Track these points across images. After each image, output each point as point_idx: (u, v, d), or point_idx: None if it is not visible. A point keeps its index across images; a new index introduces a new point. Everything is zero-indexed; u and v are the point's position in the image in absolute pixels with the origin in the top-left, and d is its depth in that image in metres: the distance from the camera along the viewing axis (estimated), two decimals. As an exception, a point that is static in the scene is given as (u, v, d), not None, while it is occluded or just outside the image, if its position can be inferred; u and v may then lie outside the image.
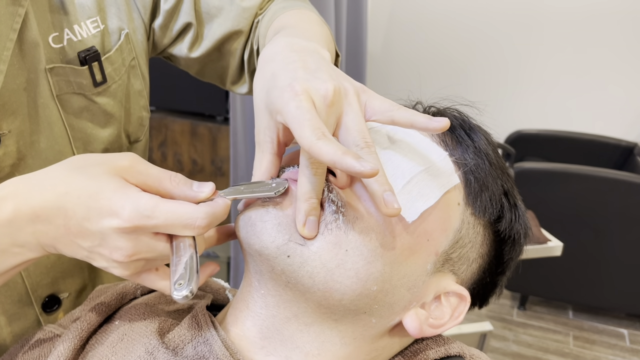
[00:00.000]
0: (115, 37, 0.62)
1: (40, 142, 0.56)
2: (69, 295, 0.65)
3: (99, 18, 0.59)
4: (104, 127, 0.62)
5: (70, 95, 0.58)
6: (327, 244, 0.41)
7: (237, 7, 0.67)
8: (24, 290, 0.60)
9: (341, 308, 0.42)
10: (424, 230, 0.43)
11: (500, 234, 0.48)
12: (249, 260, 0.45)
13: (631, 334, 2.31)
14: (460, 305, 0.47)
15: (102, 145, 0.62)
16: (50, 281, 0.62)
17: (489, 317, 2.39)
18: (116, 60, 0.62)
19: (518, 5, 2.72)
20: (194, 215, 0.38)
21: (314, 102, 0.39)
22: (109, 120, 0.63)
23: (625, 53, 2.62)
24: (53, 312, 0.64)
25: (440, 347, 0.48)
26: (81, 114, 0.60)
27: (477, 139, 0.48)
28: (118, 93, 0.63)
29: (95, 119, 0.61)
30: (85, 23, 0.58)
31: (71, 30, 0.57)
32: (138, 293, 0.55)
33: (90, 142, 0.61)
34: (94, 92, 0.60)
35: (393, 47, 3.04)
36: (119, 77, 0.63)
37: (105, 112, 0.62)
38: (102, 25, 0.60)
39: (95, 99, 0.60)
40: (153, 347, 0.44)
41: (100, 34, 0.60)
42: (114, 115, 0.63)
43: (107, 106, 0.62)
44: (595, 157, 2.59)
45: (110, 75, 0.61)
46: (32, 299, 0.61)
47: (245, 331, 0.45)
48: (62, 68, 0.56)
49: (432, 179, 0.44)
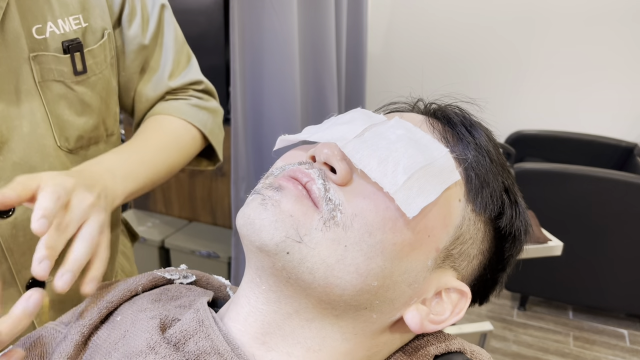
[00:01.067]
0: (99, 35, 0.67)
1: (22, 126, 0.60)
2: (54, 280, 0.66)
3: (81, 16, 0.64)
4: (79, 116, 0.66)
5: (51, 82, 0.62)
6: (326, 240, 0.41)
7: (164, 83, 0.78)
8: (9, 271, 0.63)
9: (342, 304, 0.43)
10: (425, 226, 0.43)
11: (501, 230, 0.48)
12: (250, 256, 0.45)
13: (631, 334, 2.31)
14: (461, 301, 0.47)
15: (77, 132, 0.67)
16: None
17: (489, 317, 2.39)
18: (98, 54, 0.67)
19: (518, 5, 2.72)
20: None
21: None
22: (85, 109, 0.67)
23: (626, 53, 2.62)
24: None
25: (441, 343, 0.48)
26: (59, 101, 0.64)
27: (478, 135, 0.48)
28: (97, 86, 0.68)
29: (72, 107, 0.65)
30: (68, 19, 0.63)
31: (54, 24, 0.61)
32: (140, 289, 0.55)
33: (66, 128, 0.65)
34: (74, 81, 0.64)
35: (393, 47, 3.04)
36: (99, 71, 0.67)
37: (82, 101, 0.66)
38: (84, 23, 0.65)
39: (74, 87, 0.65)
40: (155, 342, 0.44)
41: (82, 30, 0.64)
42: (91, 106, 0.67)
43: (84, 96, 0.66)
44: (595, 157, 2.59)
45: (91, 67, 0.66)
46: (17, 279, 0.63)
47: (246, 327, 0.45)
48: (45, 56, 0.61)
49: (432, 175, 0.44)
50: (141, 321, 0.48)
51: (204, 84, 0.83)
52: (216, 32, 1.95)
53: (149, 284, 0.56)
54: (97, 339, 0.49)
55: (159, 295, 0.54)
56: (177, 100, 0.79)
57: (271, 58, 1.64)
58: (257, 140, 1.71)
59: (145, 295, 0.54)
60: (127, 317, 0.50)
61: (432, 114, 0.51)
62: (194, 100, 0.80)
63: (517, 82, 2.85)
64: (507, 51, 2.81)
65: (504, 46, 2.81)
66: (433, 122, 0.49)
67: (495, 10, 2.76)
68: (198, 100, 0.81)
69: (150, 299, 0.53)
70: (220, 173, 2.13)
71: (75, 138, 0.66)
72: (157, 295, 0.54)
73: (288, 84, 1.69)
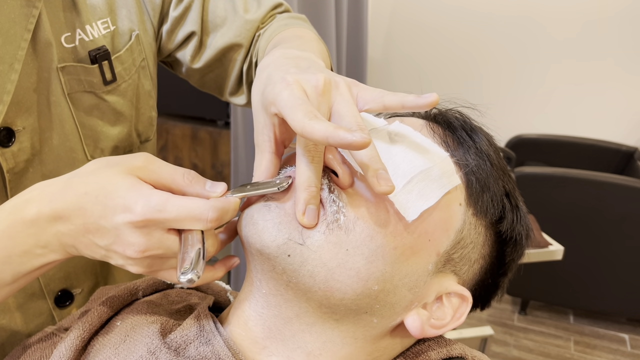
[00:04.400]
0: (126, 37, 0.63)
1: (52, 138, 0.58)
2: (82, 292, 0.66)
3: (109, 19, 0.61)
4: (113, 125, 0.63)
5: (81, 94, 0.60)
6: (328, 244, 0.41)
7: (240, 18, 0.69)
8: (37, 283, 0.61)
9: (342, 308, 0.43)
10: (425, 230, 0.43)
11: (502, 234, 0.48)
12: (251, 259, 0.45)
13: (632, 339, 2.30)
14: (462, 306, 0.47)
15: (112, 142, 0.64)
16: (63, 275, 0.63)
17: (490, 322, 2.39)
18: (126, 60, 0.63)
19: (519, 10, 2.73)
20: (204, 209, 0.40)
21: (305, 91, 0.40)
22: (119, 118, 0.64)
23: (625, 58, 2.63)
24: (66, 307, 0.65)
25: (442, 348, 0.48)
26: (91, 112, 0.61)
27: (478, 140, 0.48)
28: (128, 92, 0.64)
29: (105, 117, 0.62)
30: (97, 23, 0.60)
31: (83, 30, 0.58)
32: (140, 294, 0.55)
33: (101, 139, 0.63)
34: (104, 91, 0.61)
35: (393, 51, 3.05)
36: (129, 77, 0.64)
37: (114, 111, 0.63)
38: (112, 26, 0.61)
39: (105, 97, 0.62)
40: (155, 347, 0.44)
41: (111, 34, 0.61)
42: (124, 114, 0.64)
43: (116, 104, 0.63)
44: (595, 161, 2.59)
45: (120, 74, 0.62)
46: (45, 292, 0.62)
47: (247, 331, 0.45)
48: (73, 67, 0.58)
49: (433, 180, 0.44)
50: (142, 326, 0.48)
51: (284, 5, 0.75)
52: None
53: (149, 289, 0.56)
54: (97, 344, 0.49)
55: (159, 300, 0.54)
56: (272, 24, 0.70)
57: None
58: (257, 144, 1.70)
59: (145, 300, 0.54)
60: (128, 322, 0.50)
61: (432, 119, 0.51)
62: (286, 14, 0.73)
63: (517, 86, 2.86)
64: (507, 55, 2.82)
65: (504, 50, 2.82)
66: (433, 126, 0.49)
67: (495, 15, 2.77)
68: (290, 14, 0.73)
69: (151, 304, 0.53)
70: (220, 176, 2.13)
71: (111, 149, 0.64)
72: (157, 299, 0.54)
73: (288, 88, 1.68)
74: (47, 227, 0.41)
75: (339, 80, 0.43)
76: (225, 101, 0.79)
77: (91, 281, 0.67)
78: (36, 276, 0.45)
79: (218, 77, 0.73)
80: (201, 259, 0.39)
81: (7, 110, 0.52)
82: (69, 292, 0.65)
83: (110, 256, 0.42)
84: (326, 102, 0.41)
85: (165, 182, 0.41)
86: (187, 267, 0.38)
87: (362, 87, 0.44)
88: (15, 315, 0.60)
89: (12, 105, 0.52)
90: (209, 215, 0.39)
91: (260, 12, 0.71)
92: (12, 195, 0.55)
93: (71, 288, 0.65)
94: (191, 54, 0.70)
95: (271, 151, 0.44)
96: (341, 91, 0.42)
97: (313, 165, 0.41)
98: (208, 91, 0.77)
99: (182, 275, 0.38)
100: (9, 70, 0.51)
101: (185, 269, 0.38)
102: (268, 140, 0.44)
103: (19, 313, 0.60)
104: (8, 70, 0.51)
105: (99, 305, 0.52)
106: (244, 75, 0.72)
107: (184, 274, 0.38)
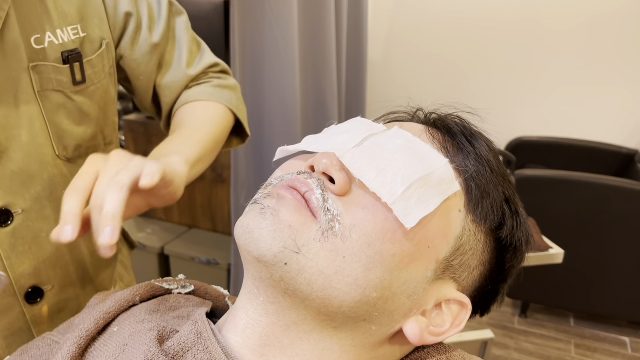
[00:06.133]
0: (97, 45, 0.67)
1: (22, 135, 0.60)
2: (52, 288, 0.68)
3: (79, 26, 0.65)
4: (78, 125, 0.67)
5: (50, 92, 0.63)
6: (324, 251, 0.41)
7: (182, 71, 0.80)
8: (8, 280, 0.62)
9: (341, 315, 0.42)
10: (424, 237, 0.43)
11: (502, 241, 0.48)
12: (248, 267, 0.45)
13: (633, 342, 2.30)
14: (461, 313, 0.46)
15: (75, 141, 0.67)
16: (33, 271, 0.65)
17: (490, 325, 2.38)
18: (97, 64, 0.67)
19: (518, 13, 2.73)
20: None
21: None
22: (84, 119, 0.67)
23: (626, 60, 2.63)
24: (37, 303, 0.66)
25: (442, 355, 0.47)
26: (58, 110, 0.64)
27: (478, 145, 0.48)
28: (96, 95, 0.68)
29: (71, 116, 0.65)
30: (67, 29, 0.63)
31: (53, 34, 0.62)
32: (137, 300, 0.55)
33: (65, 137, 0.65)
34: (73, 90, 0.65)
35: (393, 54, 3.05)
36: (98, 81, 0.68)
37: (81, 111, 0.66)
38: (82, 33, 0.65)
39: (73, 97, 0.65)
40: (153, 354, 0.44)
41: (80, 40, 0.65)
42: (90, 115, 0.68)
43: (83, 105, 0.66)
44: (596, 164, 2.59)
45: (90, 77, 0.66)
46: (15, 288, 0.63)
47: (245, 339, 0.45)
48: (44, 66, 0.61)
49: (432, 186, 0.43)
50: (139, 333, 0.48)
51: (220, 65, 0.85)
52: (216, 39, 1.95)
53: (146, 294, 0.56)
54: (94, 350, 0.49)
55: (157, 306, 0.54)
56: (200, 85, 0.81)
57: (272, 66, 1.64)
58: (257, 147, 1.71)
59: (143, 306, 0.54)
60: (125, 328, 0.50)
61: (432, 124, 0.50)
62: (215, 81, 0.82)
63: (517, 88, 2.86)
64: (507, 58, 2.82)
65: (504, 53, 2.81)
66: (433, 132, 0.49)
67: (495, 19, 2.77)
68: (219, 81, 0.83)
69: (148, 310, 0.53)
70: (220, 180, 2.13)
71: (74, 147, 0.67)
72: (155, 305, 0.54)
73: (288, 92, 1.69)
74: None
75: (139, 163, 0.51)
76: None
77: (61, 277, 0.69)
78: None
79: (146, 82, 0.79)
80: None
81: None
82: (40, 288, 0.66)
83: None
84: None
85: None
86: None
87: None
88: None
89: None
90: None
91: (197, 69, 0.80)
92: None
93: (41, 285, 0.66)
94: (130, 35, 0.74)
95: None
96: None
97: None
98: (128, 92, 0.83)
99: None
100: None
101: None
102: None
103: None
104: None
105: (96, 311, 0.52)
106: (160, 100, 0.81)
107: None
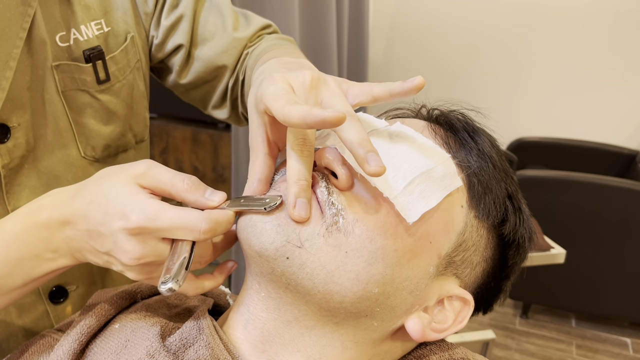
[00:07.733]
0: (121, 39, 0.65)
1: (47, 135, 0.59)
2: (77, 289, 0.67)
3: (103, 21, 0.62)
4: (106, 124, 0.65)
5: (75, 92, 0.61)
6: (327, 246, 0.41)
7: (228, 35, 0.71)
8: None
9: (342, 311, 0.42)
10: (426, 232, 0.43)
11: (505, 237, 0.48)
12: (250, 262, 0.45)
13: (634, 343, 2.29)
14: (463, 310, 0.46)
15: (104, 141, 0.65)
16: None
17: (492, 326, 2.38)
18: (121, 60, 0.64)
19: (520, 13, 2.73)
20: (197, 221, 0.40)
21: (292, 86, 0.42)
22: (111, 117, 0.65)
23: (628, 61, 2.62)
24: (60, 303, 0.65)
25: (444, 352, 0.47)
26: (84, 110, 0.62)
27: (480, 141, 0.47)
28: (122, 92, 0.65)
29: (97, 116, 0.64)
30: (90, 24, 0.61)
31: (77, 30, 0.60)
32: (138, 297, 0.55)
33: (92, 137, 0.64)
34: (97, 90, 0.63)
35: (394, 54, 3.05)
36: (123, 77, 0.65)
37: (107, 110, 0.64)
38: (106, 28, 0.63)
39: (98, 96, 0.63)
40: (154, 350, 0.43)
41: (104, 35, 0.62)
42: (117, 113, 0.65)
43: (109, 104, 0.64)
44: (597, 164, 2.59)
45: (114, 74, 0.64)
46: (39, 288, 0.62)
47: (246, 335, 0.45)
48: (67, 65, 0.59)
49: (434, 181, 0.43)
50: (141, 329, 0.47)
51: (272, 26, 0.78)
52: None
53: (147, 291, 0.56)
54: (95, 347, 0.49)
55: (158, 303, 0.54)
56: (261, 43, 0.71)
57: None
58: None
59: (144, 303, 0.54)
60: (127, 325, 0.49)
61: (434, 120, 0.50)
62: (274, 35, 0.75)
63: (518, 89, 2.85)
64: (508, 58, 2.82)
65: (506, 53, 2.81)
66: (435, 127, 0.49)
67: (497, 18, 2.77)
68: (278, 34, 0.76)
69: (150, 307, 0.53)
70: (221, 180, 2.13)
71: (102, 147, 0.65)
72: (156, 303, 0.54)
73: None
74: (57, 232, 0.44)
75: (328, 77, 0.44)
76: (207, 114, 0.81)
77: (87, 279, 0.68)
78: (44, 282, 0.47)
79: (203, 93, 0.75)
80: (184, 269, 0.40)
81: (2, 107, 0.53)
82: (64, 288, 0.66)
83: (111, 262, 0.44)
84: (314, 96, 0.42)
85: (165, 188, 0.42)
86: (168, 276, 0.39)
87: (351, 83, 0.45)
88: (10, 310, 0.61)
89: (7, 102, 0.53)
90: (201, 227, 0.40)
91: (248, 31, 0.72)
92: (8, 190, 0.56)
93: (66, 285, 0.65)
94: (179, 64, 0.71)
95: (265, 152, 0.44)
96: (330, 87, 0.43)
97: (302, 159, 0.41)
98: (192, 103, 0.79)
99: (162, 284, 0.39)
100: (4, 67, 0.52)
101: (166, 278, 0.39)
102: (261, 142, 0.44)
103: (13, 307, 0.61)
104: (3, 68, 0.52)
105: (97, 308, 0.52)
106: (229, 91, 0.73)
107: (164, 283, 0.39)
